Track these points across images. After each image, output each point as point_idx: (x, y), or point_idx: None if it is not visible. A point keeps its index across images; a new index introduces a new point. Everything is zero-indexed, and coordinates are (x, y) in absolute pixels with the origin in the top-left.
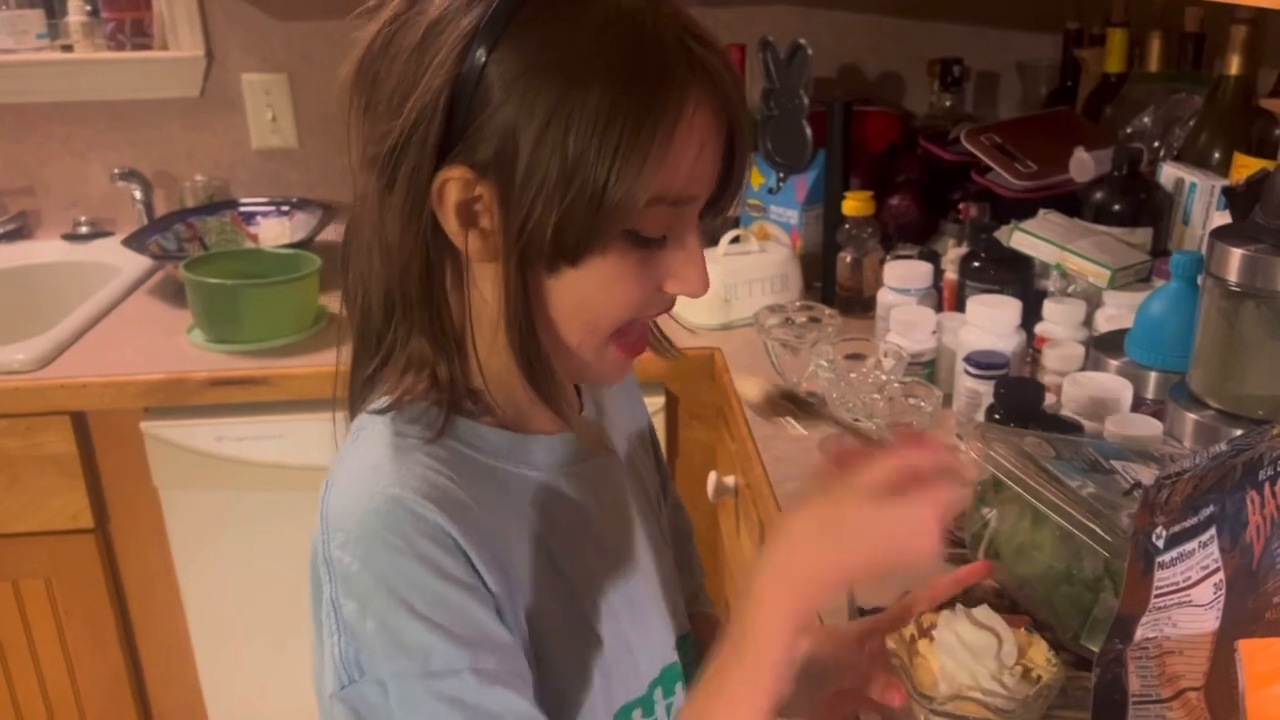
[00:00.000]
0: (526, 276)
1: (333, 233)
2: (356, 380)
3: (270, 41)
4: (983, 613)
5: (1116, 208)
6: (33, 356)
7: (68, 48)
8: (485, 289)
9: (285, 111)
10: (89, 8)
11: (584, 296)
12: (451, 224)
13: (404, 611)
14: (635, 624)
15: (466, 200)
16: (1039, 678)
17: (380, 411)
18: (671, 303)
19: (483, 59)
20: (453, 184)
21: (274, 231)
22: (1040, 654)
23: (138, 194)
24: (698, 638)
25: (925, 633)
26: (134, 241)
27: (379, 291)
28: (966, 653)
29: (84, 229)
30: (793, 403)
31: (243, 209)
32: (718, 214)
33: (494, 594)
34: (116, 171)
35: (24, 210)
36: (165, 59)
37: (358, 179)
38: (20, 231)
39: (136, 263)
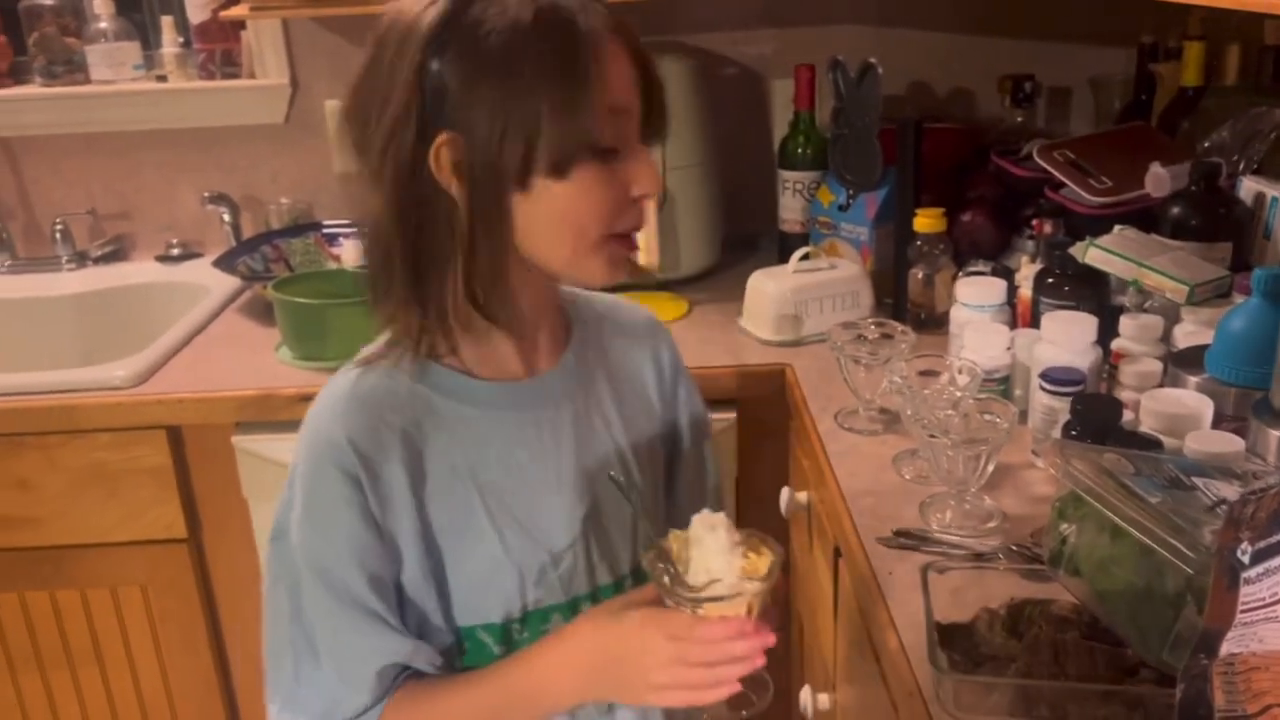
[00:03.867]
0: (501, 203)
1: None
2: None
3: (352, 69)
4: (716, 518)
5: (1194, 223)
6: (131, 374)
7: (162, 78)
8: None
9: None
10: (181, 40)
11: (567, 207)
12: (450, 181)
13: (305, 513)
14: (541, 564)
15: (455, 160)
16: (759, 569)
17: (363, 358)
18: (640, 217)
19: (436, 65)
20: (444, 148)
21: (356, 252)
22: (764, 561)
23: (226, 217)
24: None
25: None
26: (223, 263)
27: (385, 262)
28: (708, 550)
29: (176, 251)
30: None
31: (326, 230)
32: (654, 130)
33: (380, 521)
34: (206, 195)
35: (120, 233)
36: (252, 87)
37: (354, 186)
38: (117, 254)
39: (226, 283)
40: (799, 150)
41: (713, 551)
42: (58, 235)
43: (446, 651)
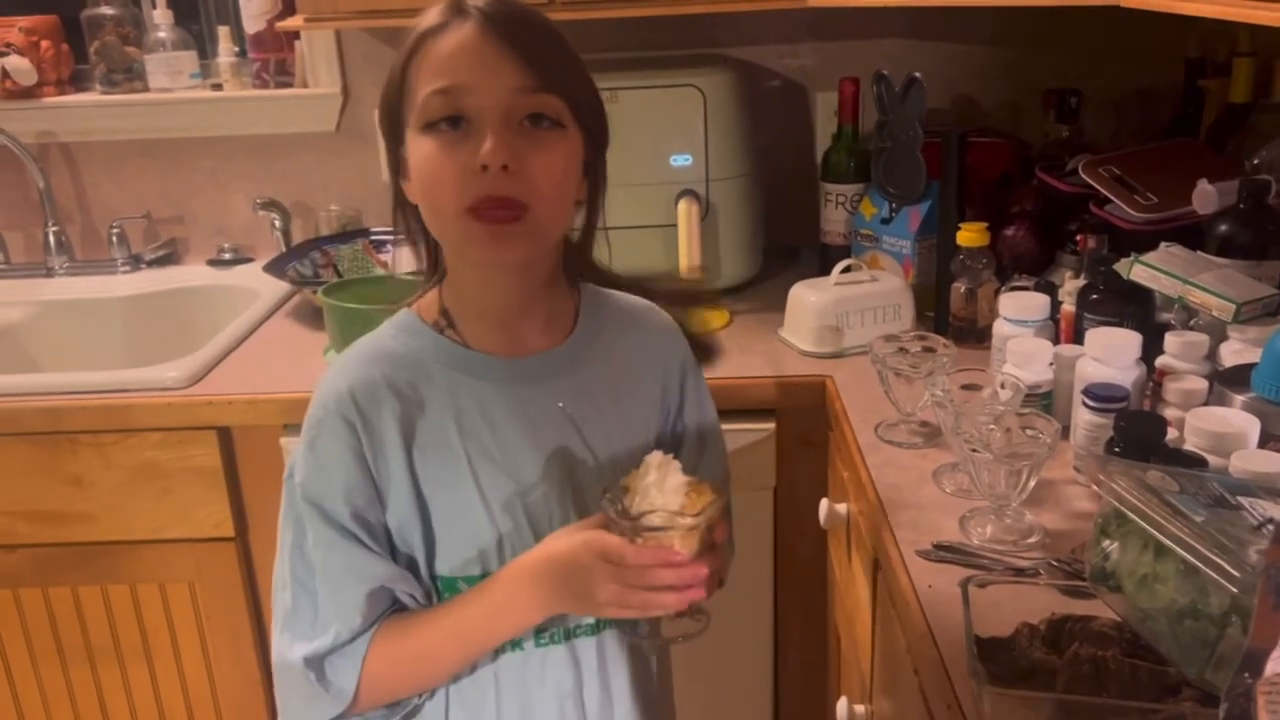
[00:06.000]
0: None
1: None
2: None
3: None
4: (668, 459)
5: (1242, 240)
6: (184, 375)
7: (217, 86)
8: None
9: None
10: (237, 49)
11: (420, 185)
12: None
13: (308, 451)
14: (517, 523)
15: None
16: (694, 506)
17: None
18: (498, 183)
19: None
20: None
21: (403, 259)
22: (702, 500)
23: (277, 222)
24: None
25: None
26: (273, 267)
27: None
28: (653, 486)
29: (227, 255)
30: None
31: (374, 237)
32: (532, 103)
33: (372, 466)
34: (257, 201)
35: (174, 237)
36: (305, 96)
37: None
38: (170, 257)
39: (275, 287)
40: (842, 163)
41: (657, 488)
42: (114, 238)
43: (429, 599)
